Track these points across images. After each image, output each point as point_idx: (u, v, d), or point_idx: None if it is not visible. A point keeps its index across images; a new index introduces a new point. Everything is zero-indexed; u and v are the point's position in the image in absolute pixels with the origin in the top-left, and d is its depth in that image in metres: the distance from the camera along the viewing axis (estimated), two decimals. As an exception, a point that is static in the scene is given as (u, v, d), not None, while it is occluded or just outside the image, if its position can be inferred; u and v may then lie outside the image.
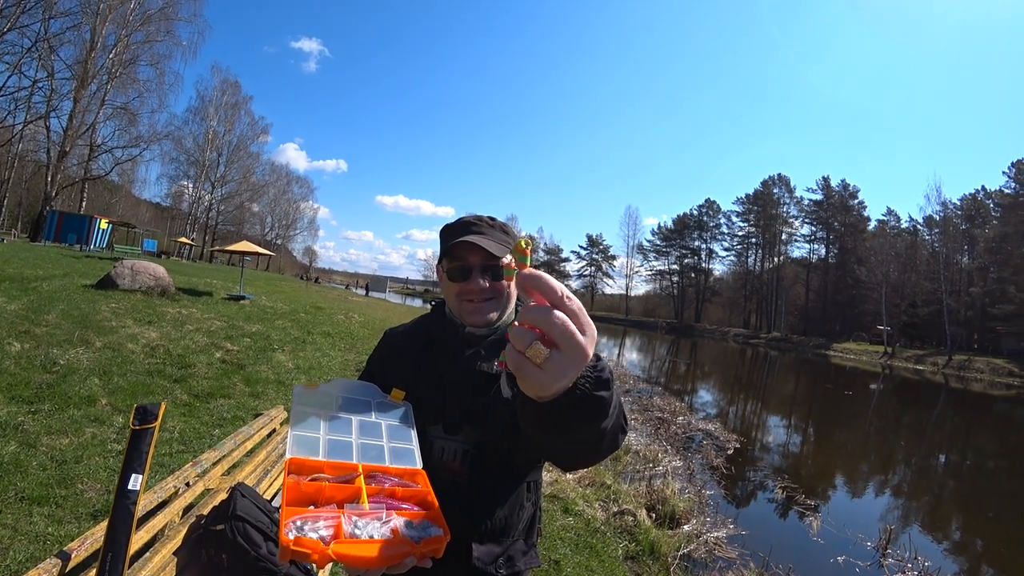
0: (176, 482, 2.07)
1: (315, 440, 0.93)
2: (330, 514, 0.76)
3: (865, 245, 60.07)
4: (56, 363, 5.54)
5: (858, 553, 5.29)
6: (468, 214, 1.20)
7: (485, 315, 1.13)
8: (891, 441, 12.71)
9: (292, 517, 0.73)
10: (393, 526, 0.76)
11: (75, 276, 11.00)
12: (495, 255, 1.09)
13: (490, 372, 1.10)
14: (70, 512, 3.12)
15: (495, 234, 1.15)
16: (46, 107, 29.04)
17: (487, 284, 1.12)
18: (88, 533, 1.65)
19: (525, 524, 1.16)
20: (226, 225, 53.84)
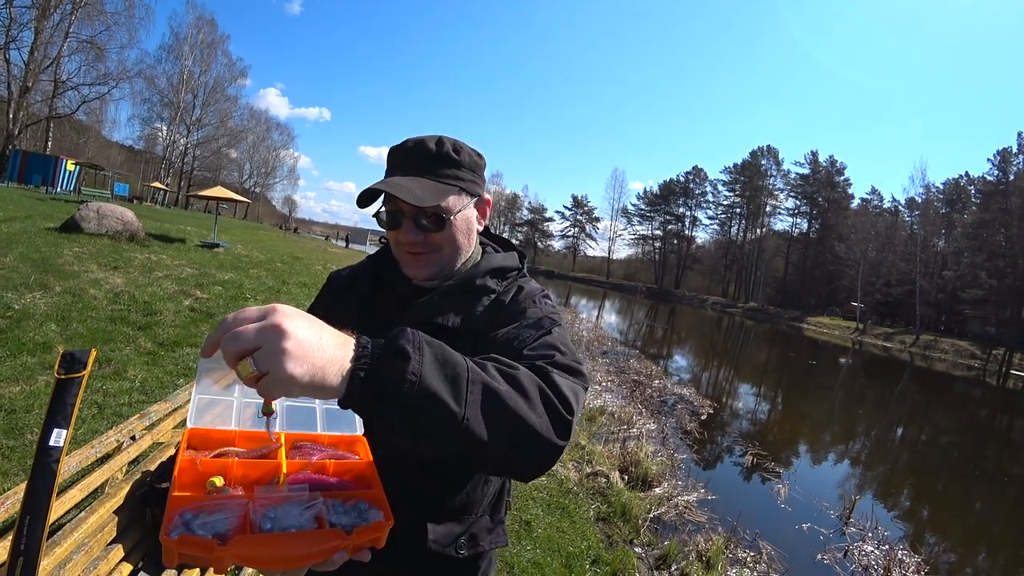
0: (119, 436, 1.91)
1: (225, 403, 0.76)
2: (235, 501, 0.60)
3: (847, 222, 60.79)
4: (10, 307, 5.25)
5: (822, 521, 5.42)
6: (414, 138, 0.95)
7: (426, 270, 0.94)
8: (855, 413, 13.09)
9: (181, 508, 0.57)
10: (318, 512, 0.60)
11: (38, 218, 10.48)
12: (428, 207, 0.86)
13: (445, 325, 0.90)
14: (17, 463, 2.96)
15: (438, 169, 0.91)
16: (4, 37, 27.17)
17: (420, 237, 0.91)
18: (8, 494, 1.48)
19: (491, 498, 1.00)
20: (202, 171, 52.07)
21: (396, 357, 0.55)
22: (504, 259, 1.01)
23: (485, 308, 0.93)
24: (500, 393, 0.61)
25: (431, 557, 0.92)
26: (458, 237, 0.94)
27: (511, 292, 0.96)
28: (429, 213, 0.90)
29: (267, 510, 0.59)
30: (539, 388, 0.66)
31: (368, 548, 0.61)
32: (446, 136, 0.95)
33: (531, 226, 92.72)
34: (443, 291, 0.94)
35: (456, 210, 0.92)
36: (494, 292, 0.95)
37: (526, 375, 0.66)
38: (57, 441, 1.40)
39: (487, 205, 1.01)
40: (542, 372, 0.70)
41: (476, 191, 0.97)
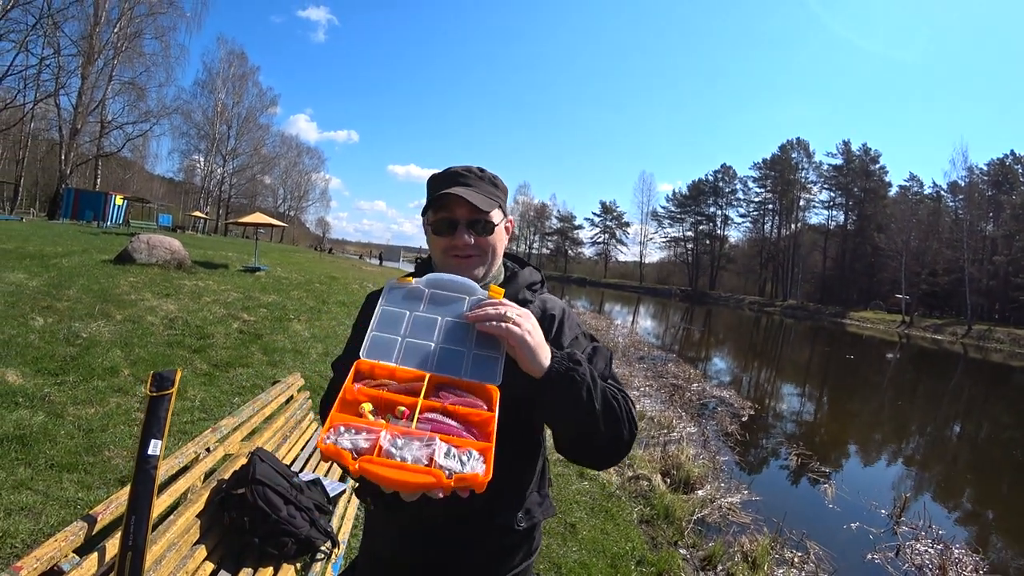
0: (196, 448, 2.10)
1: (392, 342, 0.90)
2: (373, 427, 0.76)
3: (885, 211, 58.71)
4: (79, 336, 5.65)
5: (872, 520, 5.30)
6: (457, 164, 1.13)
7: (471, 271, 1.06)
8: (906, 410, 12.65)
9: (337, 423, 0.75)
10: (431, 452, 0.73)
11: (93, 252, 11.15)
12: (482, 209, 1.03)
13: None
14: (98, 478, 3.21)
15: (483, 186, 1.09)
16: (55, 84, 29.00)
17: (472, 240, 1.05)
18: (112, 497, 1.68)
19: (537, 476, 1.15)
20: (239, 198, 54.07)
21: (574, 361, 0.91)
22: (532, 274, 1.18)
23: None
24: (615, 399, 0.96)
25: (497, 530, 1.07)
26: (498, 245, 1.10)
27: (542, 304, 1.12)
28: (481, 220, 1.05)
29: (395, 439, 0.74)
30: (625, 408, 0.97)
31: (468, 490, 0.73)
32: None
33: (561, 234, 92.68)
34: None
35: (497, 221, 1.09)
36: (531, 302, 1.10)
37: (623, 400, 0.98)
38: (154, 450, 1.60)
39: (511, 225, 1.17)
40: (626, 399, 1.00)
41: (506, 210, 1.14)
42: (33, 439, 3.46)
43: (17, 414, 3.76)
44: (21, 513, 2.74)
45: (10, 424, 3.59)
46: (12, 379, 4.33)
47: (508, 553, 1.11)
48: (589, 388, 0.90)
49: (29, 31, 26.28)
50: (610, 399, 0.95)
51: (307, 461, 2.84)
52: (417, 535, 1.07)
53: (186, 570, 1.79)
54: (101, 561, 1.52)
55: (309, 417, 3.20)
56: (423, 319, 0.93)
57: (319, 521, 2.09)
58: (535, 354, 0.88)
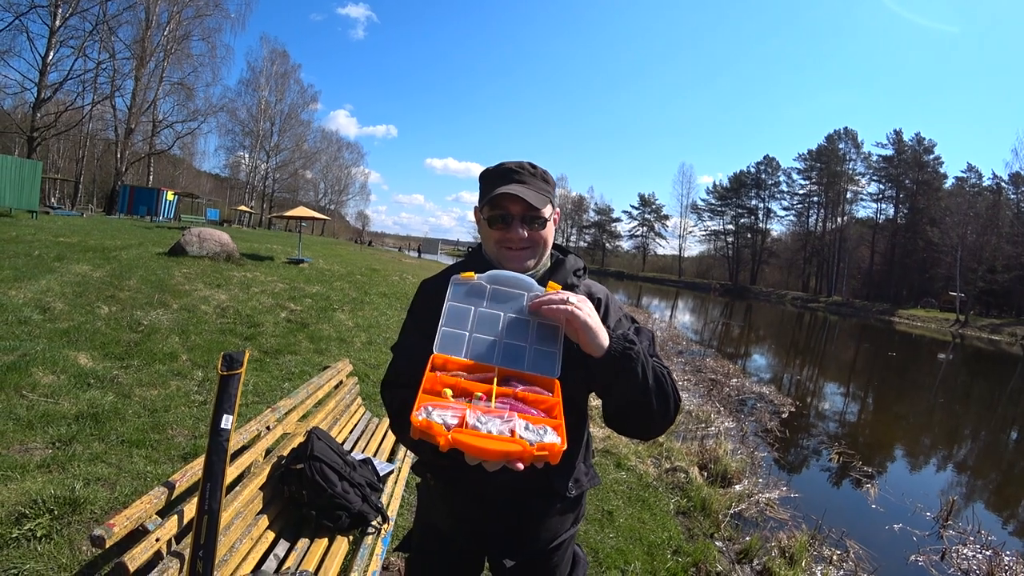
0: (258, 426, 2.26)
1: (461, 337, 0.99)
2: (458, 406, 0.85)
3: (940, 204, 55.74)
4: (140, 323, 6.01)
5: (916, 522, 5.16)
6: (510, 161, 1.19)
7: (523, 262, 1.15)
8: (958, 413, 12.11)
9: (425, 403, 0.84)
10: (512, 426, 0.82)
11: (149, 245, 11.76)
12: (535, 206, 1.10)
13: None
14: (163, 454, 3.46)
15: (536, 183, 1.16)
16: (110, 87, 30.64)
17: (526, 234, 1.13)
18: (187, 467, 1.84)
19: (583, 446, 1.25)
20: (282, 192, 55.73)
21: (629, 340, 1.00)
22: (576, 261, 1.27)
23: None
24: (663, 375, 1.05)
25: (551, 496, 1.17)
26: (548, 236, 1.19)
27: (587, 288, 1.22)
28: (534, 216, 1.13)
29: (478, 416, 0.83)
30: (671, 383, 1.06)
31: (544, 461, 0.81)
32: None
33: (599, 227, 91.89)
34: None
35: (548, 216, 1.16)
36: (577, 287, 1.20)
37: (668, 376, 1.06)
38: (226, 424, 1.74)
39: (558, 216, 1.26)
40: (669, 374, 1.08)
41: (555, 204, 1.22)
42: (105, 417, 3.73)
43: (90, 394, 4.06)
44: (98, 483, 2.98)
45: (84, 403, 3.89)
46: (84, 362, 4.67)
47: (559, 519, 1.21)
48: (643, 366, 0.99)
49: (87, 37, 27.79)
50: (660, 376, 1.03)
51: (356, 442, 2.99)
52: (475, 507, 1.17)
53: (251, 536, 1.94)
54: (180, 522, 1.68)
55: (358, 401, 3.35)
56: (487, 314, 1.02)
57: (371, 497, 2.23)
58: (596, 335, 0.97)
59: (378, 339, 7.76)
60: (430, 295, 1.23)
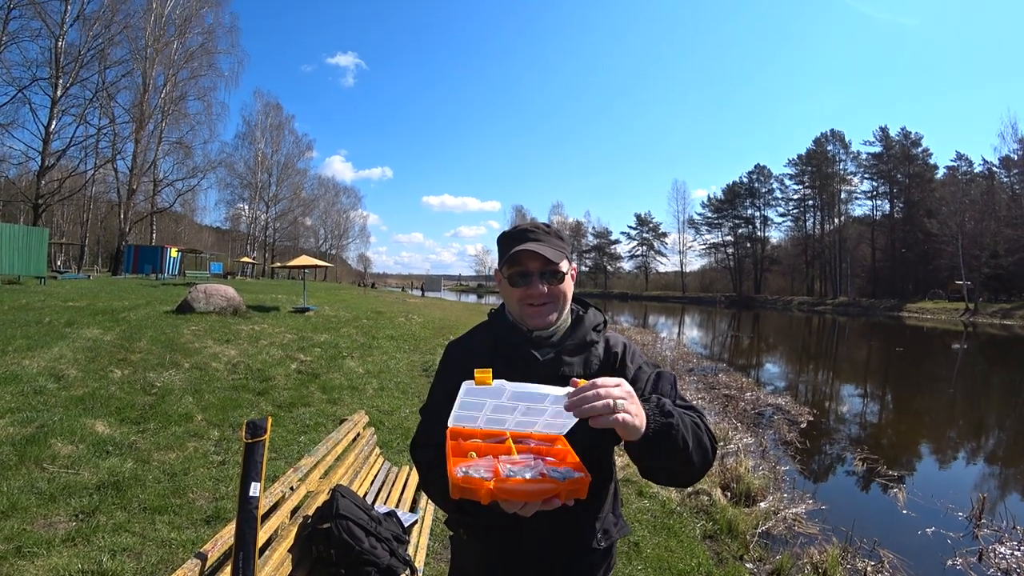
0: (282, 487, 2.28)
1: (474, 417, 1.03)
2: (487, 462, 0.91)
3: (934, 195, 55.95)
4: (153, 385, 6.07)
5: (949, 524, 5.06)
6: (524, 222, 1.28)
7: (546, 317, 1.20)
8: (980, 404, 11.95)
9: (458, 464, 0.89)
10: (541, 470, 0.89)
11: (156, 304, 11.90)
12: (553, 261, 1.17)
13: (570, 374, 1.15)
14: (186, 519, 3.47)
15: (551, 240, 1.22)
16: (112, 151, 31.50)
17: (546, 289, 1.18)
18: (218, 536, 1.86)
19: (611, 497, 1.28)
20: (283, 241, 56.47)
21: (666, 412, 0.96)
22: (596, 316, 1.31)
23: (598, 357, 1.23)
24: (698, 428, 1.03)
25: (579, 551, 1.20)
26: (568, 291, 1.24)
27: (608, 341, 1.27)
28: (552, 270, 1.19)
29: (507, 467, 0.90)
30: (707, 432, 1.06)
31: (573, 498, 0.87)
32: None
33: (598, 251, 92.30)
34: (564, 349, 1.22)
35: (565, 270, 1.23)
36: (597, 343, 1.25)
37: (703, 425, 1.06)
38: (255, 492, 1.78)
39: (575, 271, 1.32)
40: (702, 417, 1.08)
41: (571, 259, 1.28)
42: (126, 485, 3.76)
43: (109, 462, 4.09)
44: (124, 554, 2.99)
45: (104, 471, 3.91)
46: (101, 429, 4.71)
47: (589, 571, 1.24)
48: (683, 436, 0.97)
49: (87, 104, 28.72)
50: (699, 434, 1.02)
51: (377, 493, 3.01)
52: (508, 559, 1.21)
53: (283, 601, 1.95)
54: (215, 594, 1.70)
55: (376, 452, 3.37)
56: (502, 405, 1.02)
57: (398, 551, 2.24)
58: (638, 429, 0.91)
59: (389, 384, 7.78)
60: (460, 359, 1.32)
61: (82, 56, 27.42)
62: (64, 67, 26.74)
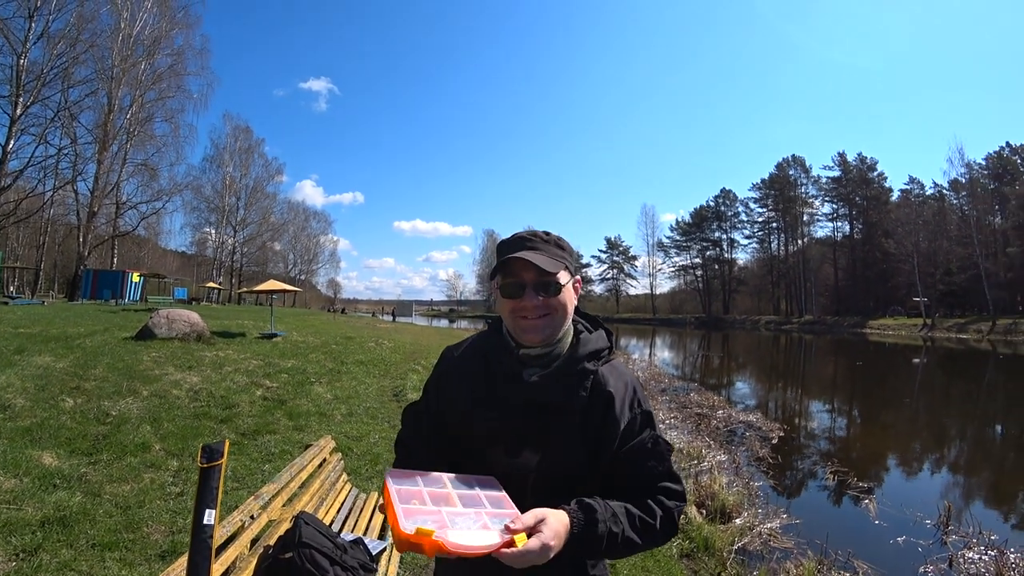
0: (241, 516, 2.16)
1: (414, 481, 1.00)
2: (433, 511, 0.88)
3: (890, 217, 58.58)
4: (108, 414, 5.77)
5: (919, 532, 5.15)
6: (524, 229, 1.17)
7: (540, 333, 1.09)
8: (942, 415, 12.33)
9: (404, 513, 0.85)
10: (483, 522, 0.87)
11: (115, 330, 11.42)
12: (549, 271, 1.06)
13: (554, 403, 1.08)
14: (139, 555, 3.25)
15: (549, 249, 1.13)
16: (72, 172, 30.49)
17: (541, 300, 1.08)
18: (170, 569, 1.74)
19: None
20: (251, 266, 55.24)
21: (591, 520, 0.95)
22: (596, 341, 1.17)
23: (587, 390, 1.11)
24: (647, 529, 1.03)
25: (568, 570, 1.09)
26: (567, 304, 1.12)
27: (608, 374, 1.14)
28: (548, 281, 1.08)
29: (453, 519, 0.87)
30: (664, 527, 1.05)
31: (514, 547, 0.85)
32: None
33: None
34: (550, 374, 1.11)
35: (564, 282, 1.11)
36: (593, 373, 1.12)
37: (657, 528, 1.04)
38: (209, 520, 1.67)
39: (579, 285, 1.21)
40: (669, 515, 1.06)
41: (573, 270, 1.17)
42: (73, 520, 3.52)
43: (56, 496, 3.83)
44: (69, 597, 2.78)
45: (50, 506, 3.66)
46: (48, 461, 4.43)
47: None
48: (612, 538, 0.97)
49: (48, 124, 27.81)
50: (639, 533, 1.01)
51: (344, 521, 2.88)
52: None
53: (240, 639, 1.83)
54: (163, 634, 1.58)
55: (343, 478, 3.25)
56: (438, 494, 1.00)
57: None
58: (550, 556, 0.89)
59: (358, 410, 7.57)
60: (450, 367, 1.26)
61: (45, 75, 26.65)
62: (25, 85, 25.91)
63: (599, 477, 1.09)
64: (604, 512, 0.97)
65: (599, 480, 1.09)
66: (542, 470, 1.06)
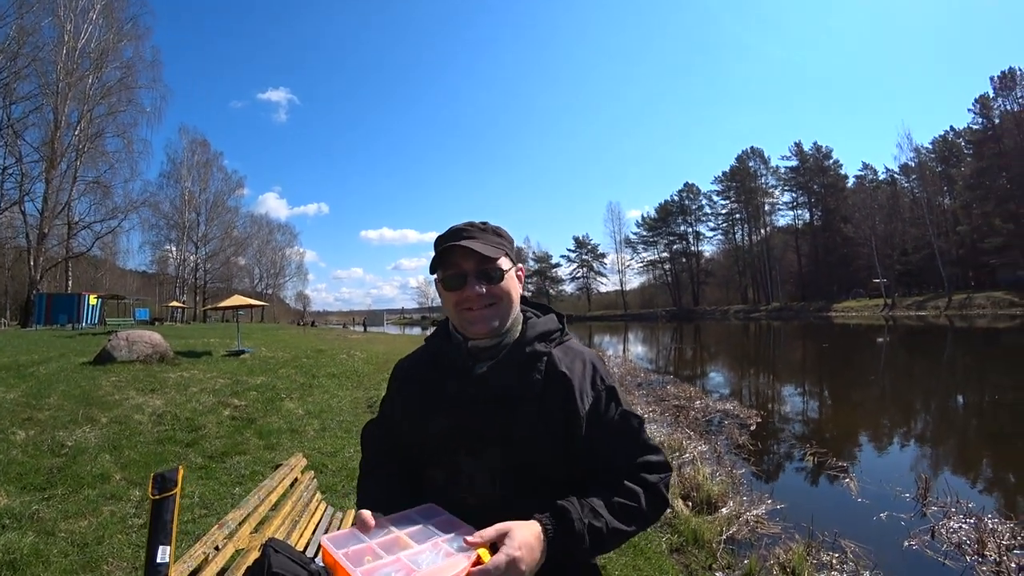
0: (204, 548, 1.99)
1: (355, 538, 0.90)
2: (391, 560, 0.79)
3: (847, 203, 60.69)
4: (64, 445, 5.42)
5: (900, 506, 5.22)
6: (459, 222, 1.14)
7: (488, 323, 1.06)
8: (908, 390, 12.71)
9: (365, 574, 0.76)
10: (444, 550, 0.81)
11: (71, 355, 10.87)
12: (489, 257, 1.03)
13: (507, 395, 1.03)
14: (99, 596, 3.02)
15: (487, 236, 1.10)
16: (19, 192, 29.10)
17: (484, 289, 1.05)
18: (121, 616, 1.57)
19: None
20: (215, 283, 53.71)
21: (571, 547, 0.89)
22: (545, 323, 1.14)
23: (541, 373, 1.05)
24: (632, 515, 0.96)
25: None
26: (511, 292, 1.09)
27: (562, 355, 1.09)
28: (489, 269, 1.05)
29: (414, 559, 0.80)
30: (652, 504, 0.99)
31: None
32: None
33: (540, 275, 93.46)
34: (499, 362, 1.06)
35: (507, 268, 1.08)
36: (545, 355, 1.07)
37: (644, 509, 0.98)
38: (163, 558, 1.51)
39: (522, 272, 1.17)
40: (654, 490, 1.00)
41: (514, 258, 1.13)
42: (25, 563, 3.26)
43: (5, 537, 3.55)
44: (19, 649, 2.55)
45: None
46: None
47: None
48: (596, 533, 0.91)
49: (-10, 143, 26.41)
50: (625, 520, 0.95)
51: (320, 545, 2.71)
52: None
53: None
54: None
55: (317, 497, 3.07)
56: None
57: (343, 606, 1.98)
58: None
59: (332, 424, 7.33)
60: (399, 379, 1.22)
61: (-16, 90, 25.40)
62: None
63: (572, 465, 1.02)
64: (579, 511, 0.91)
65: (572, 469, 1.03)
66: (508, 466, 1.00)
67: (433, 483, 1.06)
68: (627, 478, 0.99)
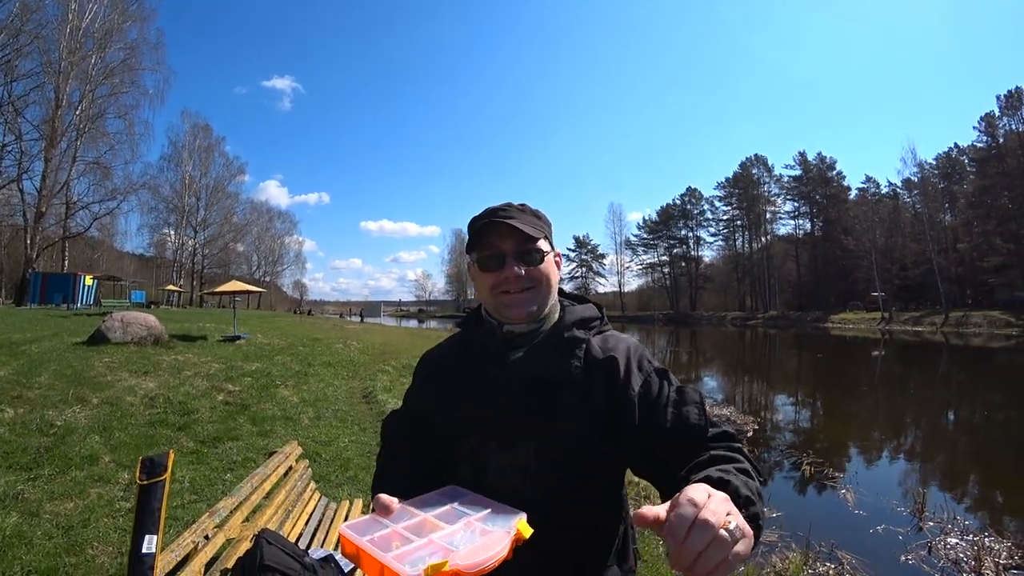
0: (194, 536, 1.92)
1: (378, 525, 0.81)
2: (424, 543, 0.72)
3: (849, 214, 60.60)
4: (53, 425, 5.33)
5: (897, 520, 5.18)
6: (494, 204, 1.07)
7: (526, 307, 0.99)
8: (903, 404, 12.67)
9: (397, 559, 0.68)
10: (480, 529, 0.76)
11: (65, 335, 10.75)
12: (531, 236, 0.98)
13: (547, 379, 0.96)
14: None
15: (526, 217, 1.02)
16: (17, 170, 28.81)
17: (522, 271, 0.98)
18: (104, 605, 1.49)
19: (617, 546, 1.00)
20: (212, 268, 53.46)
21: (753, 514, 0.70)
22: (584, 310, 1.08)
23: (580, 360, 0.98)
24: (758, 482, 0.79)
25: None
26: (550, 275, 1.03)
27: (603, 343, 1.02)
28: (529, 250, 0.99)
29: (450, 540, 0.73)
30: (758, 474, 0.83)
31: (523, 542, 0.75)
32: None
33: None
34: (536, 347, 1.00)
35: (546, 251, 1.02)
36: (583, 341, 1.00)
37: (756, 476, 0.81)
38: (149, 547, 1.43)
39: (559, 259, 1.10)
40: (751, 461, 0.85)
41: (552, 243, 1.07)
42: (7, 544, 3.17)
43: (-12, 519, 3.47)
44: (-2, 632, 2.47)
45: (-19, 531, 3.30)
46: (-19, 480, 4.03)
47: None
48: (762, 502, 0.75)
49: (-11, 120, 26.20)
50: (759, 487, 0.79)
51: (313, 535, 2.64)
52: None
53: None
54: None
55: (311, 487, 3.00)
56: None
57: (336, 602, 1.91)
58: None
59: (327, 413, 7.25)
60: (428, 370, 1.15)
61: (-15, 67, 25.19)
62: (-37, 79, 24.44)
63: (612, 456, 0.95)
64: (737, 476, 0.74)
65: (612, 459, 0.96)
66: (541, 459, 0.93)
67: (459, 476, 0.98)
68: (723, 448, 0.86)
